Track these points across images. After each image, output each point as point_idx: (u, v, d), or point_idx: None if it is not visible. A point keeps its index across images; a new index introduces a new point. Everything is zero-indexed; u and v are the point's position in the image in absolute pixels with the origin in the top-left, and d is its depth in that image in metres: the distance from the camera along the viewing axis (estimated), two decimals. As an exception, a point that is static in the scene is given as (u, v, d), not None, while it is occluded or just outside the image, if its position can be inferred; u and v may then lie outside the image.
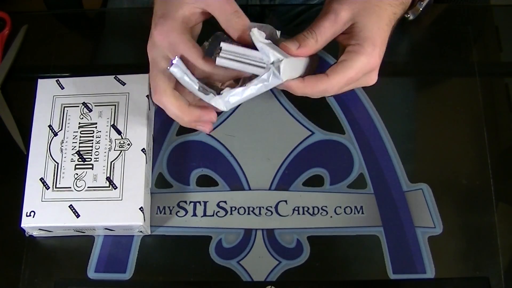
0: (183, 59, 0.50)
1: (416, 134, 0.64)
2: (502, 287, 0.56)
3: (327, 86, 0.51)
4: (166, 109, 0.52)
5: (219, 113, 0.57)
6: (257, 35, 0.48)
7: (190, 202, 0.60)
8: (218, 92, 0.51)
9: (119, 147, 0.58)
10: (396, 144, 0.62)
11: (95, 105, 0.60)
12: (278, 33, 0.51)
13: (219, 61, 0.49)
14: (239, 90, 0.50)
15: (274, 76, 0.48)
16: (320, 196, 0.60)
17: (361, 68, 0.51)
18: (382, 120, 0.63)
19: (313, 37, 0.51)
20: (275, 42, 0.50)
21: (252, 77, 0.50)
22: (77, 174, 0.57)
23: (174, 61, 0.50)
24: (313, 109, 0.63)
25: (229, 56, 0.49)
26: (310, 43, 0.51)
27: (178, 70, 0.50)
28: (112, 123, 0.59)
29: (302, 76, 0.52)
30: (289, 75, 0.50)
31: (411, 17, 0.63)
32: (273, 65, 0.48)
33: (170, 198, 0.60)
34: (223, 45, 0.49)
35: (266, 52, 0.48)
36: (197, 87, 0.51)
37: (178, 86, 0.52)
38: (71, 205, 0.56)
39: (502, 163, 0.61)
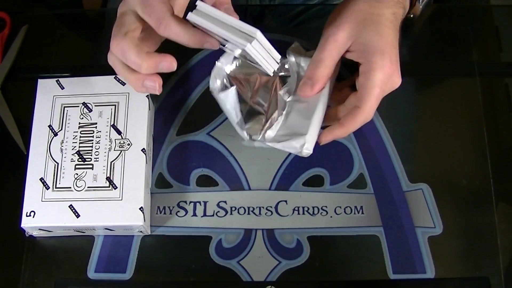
0: (152, 16, 0.49)
1: (416, 134, 0.64)
2: (502, 287, 0.56)
3: (364, 116, 0.54)
4: (124, 55, 0.50)
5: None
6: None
7: (190, 202, 0.60)
8: None
9: (119, 147, 0.58)
10: (396, 144, 0.62)
11: (95, 105, 0.60)
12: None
13: (190, 16, 0.48)
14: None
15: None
16: (320, 196, 0.60)
17: (382, 82, 0.53)
18: (382, 120, 0.63)
19: (320, 66, 0.54)
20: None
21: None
22: (77, 174, 0.57)
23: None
24: (313, 109, 0.63)
25: (203, 15, 0.48)
26: (321, 74, 0.54)
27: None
28: (112, 123, 0.59)
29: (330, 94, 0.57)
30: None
31: (414, 16, 0.64)
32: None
33: (170, 198, 0.60)
34: (199, 3, 0.49)
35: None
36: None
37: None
38: (71, 205, 0.56)
39: (502, 163, 0.61)
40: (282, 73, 0.61)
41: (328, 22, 0.57)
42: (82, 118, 0.60)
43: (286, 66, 0.60)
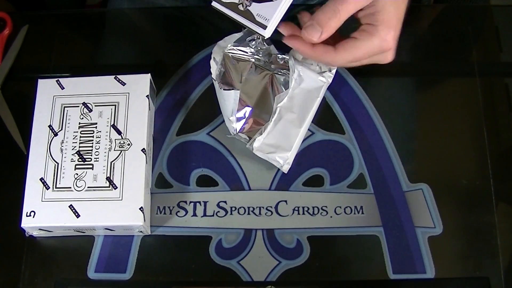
0: None
1: (416, 134, 0.64)
2: (502, 287, 0.56)
3: (332, 60, 0.52)
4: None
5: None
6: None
7: (190, 202, 0.60)
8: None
9: (119, 147, 0.58)
10: (396, 144, 0.62)
11: (95, 105, 0.60)
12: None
13: (214, 4, 0.53)
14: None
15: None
16: (320, 196, 0.60)
17: (371, 50, 0.52)
18: (382, 120, 0.63)
19: (335, 17, 0.51)
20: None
21: None
22: (77, 174, 0.57)
23: None
24: (313, 109, 0.63)
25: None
26: (333, 25, 0.51)
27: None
28: (112, 123, 0.59)
29: None
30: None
31: None
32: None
33: (170, 198, 0.60)
34: None
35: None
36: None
37: None
38: (71, 205, 0.56)
39: (502, 163, 0.61)
40: (277, 72, 0.61)
41: None
42: (82, 118, 0.60)
43: (281, 62, 0.61)
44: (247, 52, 0.62)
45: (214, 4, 0.54)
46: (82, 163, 0.58)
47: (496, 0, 0.78)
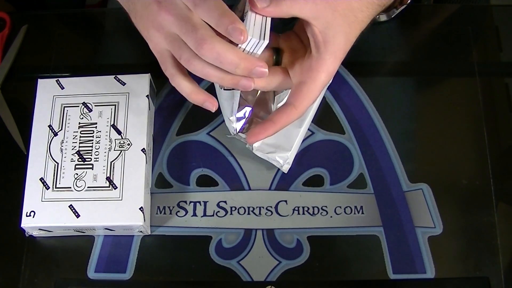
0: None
1: (416, 134, 0.64)
2: (502, 287, 0.56)
3: (298, 115, 0.51)
4: (220, 56, 0.46)
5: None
6: None
7: (190, 202, 0.60)
8: None
9: (119, 147, 0.58)
10: (396, 144, 0.62)
11: (95, 105, 0.60)
12: None
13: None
14: None
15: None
16: (320, 196, 0.60)
17: (323, 84, 0.50)
18: (382, 120, 0.63)
19: (291, 1, 0.47)
20: None
21: None
22: (77, 174, 0.57)
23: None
24: (313, 109, 0.63)
25: None
26: (285, 5, 0.47)
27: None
28: (112, 123, 0.59)
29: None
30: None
31: (382, 19, 0.62)
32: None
33: (170, 198, 0.60)
34: None
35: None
36: None
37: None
38: (71, 205, 0.56)
39: (502, 163, 0.61)
40: None
41: None
42: (82, 118, 0.60)
43: None
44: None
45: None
46: (82, 163, 0.58)
47: (496, 0, 0.78)
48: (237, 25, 0.44)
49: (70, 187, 0.57)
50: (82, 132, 0.59)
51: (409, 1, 0.56)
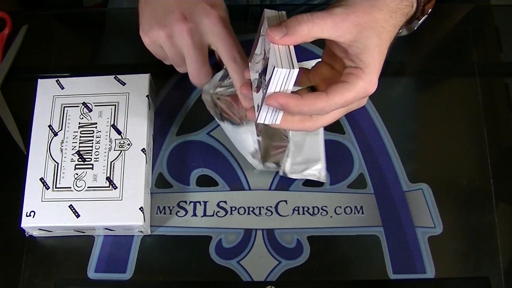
0: None
1: (416, 134, 0.64)
2: (502, 287, 0.56)
3: (325, 104, 0.48)
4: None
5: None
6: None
7: (190, 202, 0.60)
8: None
9: (119, 147, 0.58)
10: (396, 144, 0.62)
11: (95, 105, 0.60)
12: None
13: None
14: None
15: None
16: (320, 196, 0.60)
17: (359, 93, 0.49)
18: (382, 120, 0.63)
19: (307, 24, 0.46)
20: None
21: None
22: (77, 174, 0.57)
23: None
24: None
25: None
26: (300, 31, 0.46)
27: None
28: (112, 123, 0.59)
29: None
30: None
31: (403, 34, 0.62)
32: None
33: (170, 198, 0.60)
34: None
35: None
36: None
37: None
38: (71, 205, 0.56)
39: (502, 163, 0.61)
40: None
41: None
42: (82, 118, 0.60)
43: None
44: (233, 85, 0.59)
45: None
46: (82, 163, 0.58)
47: (496, 0, 0.78)
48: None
49: (70, 187, 0.57)
50: (82, 132, 0.59)
51: (430, 10, 0.55)
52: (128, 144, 0.58)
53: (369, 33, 0.47)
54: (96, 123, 0.59)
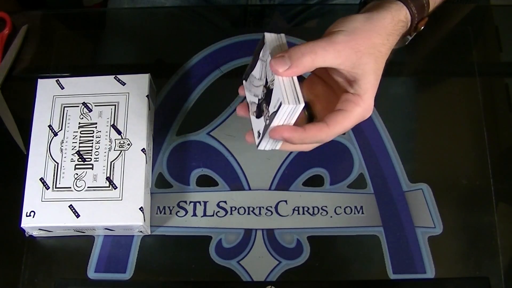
0: None
1: (416, 134, 0.64)
2: (502, 287, 0.56)
3: (327, 135, 0.49)
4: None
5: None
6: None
7: (190, 202, 0.60)
8: None
9: (119, 147, 0.58)
10: (396, 144, 0.62)
11: (95, 105, 0.60)
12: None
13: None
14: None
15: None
16: (320, 196, 0.60)
17: (357, 119, 0.49)
18: (382, 120, 0.63)
19: (310, 55, 0.46)
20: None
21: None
22: (77, 174, 0.57)
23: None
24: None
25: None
26: (304, 62, 0.46)
27: None
28: (112, 123, 0.59)
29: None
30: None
31: (396, 47, 0.62)
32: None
33: (170, 198, 0.60)
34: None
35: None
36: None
37: None
38: (71, 205, 0.56)
39: (502, 163, 0.61)
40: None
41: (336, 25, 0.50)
42: (82, 118, 0.60)
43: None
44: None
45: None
46: (82, 163, 0.58)
47: (496, 0, 0.78)
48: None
49: (70, 187, 0.57)
50: (82, 132, 0.59)
51: (422, 27, 0.56)
52: (128, 144, 0.58)
53: (368, 59, 0.48)
54: (96, 123, 0.59)
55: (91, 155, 0.58)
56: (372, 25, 0.49)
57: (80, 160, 0.58)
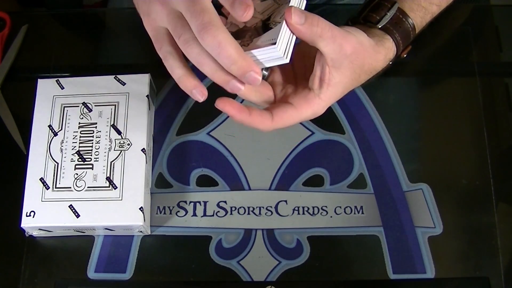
0: None
1: (416, 134, 0.64)
2: (502, 287, 0.56)
3: (267, 128, 0.48)
4: (221, 48, 0.42)
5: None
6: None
7: (190, 202, 0.60)
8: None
9: (119, 147, 0.58)
10: (396, 144, 0.62)
11: (95, 105, 0.60)
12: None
13: None
14: None
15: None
16: (320, 196, 0.60)
17: (305, 118, 0.49)
18: (382, 120, 0.63)
19: (324, 31, 0.45)
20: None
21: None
22: (77, 174, 0.57)
23: None
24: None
25: None
26: (317, 31, 0.45)
27: None
28: (112, 123, 0.59)
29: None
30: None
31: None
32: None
33: (170, 198, 0.60)
34: None
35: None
36: None
37: None
38: (71, 205, 0.56)
39: (502, 163, 0.61)
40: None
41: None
42: (82, 118, 0.60)
43: None
44: None
45: None
46: (82, 163, 0.58)
47: (496, 0, 0.78)
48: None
49: (70, 187, 0.57)
50: (82, 132, 0.59)
51: (405, 55, 0.56)
52: (128, 144, 0.58)
53: (350, 74, 0.48)
54: (96, 123, 0.59)
55: (91, 155, 0.58)
56: (373, 52, 0.50)
57: (80, 160, 0.58)
